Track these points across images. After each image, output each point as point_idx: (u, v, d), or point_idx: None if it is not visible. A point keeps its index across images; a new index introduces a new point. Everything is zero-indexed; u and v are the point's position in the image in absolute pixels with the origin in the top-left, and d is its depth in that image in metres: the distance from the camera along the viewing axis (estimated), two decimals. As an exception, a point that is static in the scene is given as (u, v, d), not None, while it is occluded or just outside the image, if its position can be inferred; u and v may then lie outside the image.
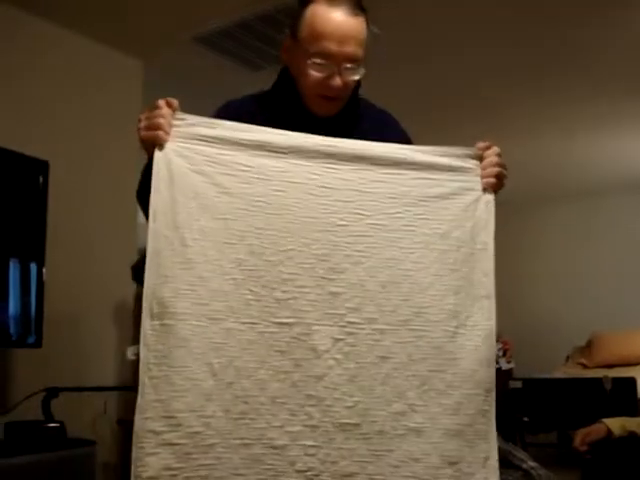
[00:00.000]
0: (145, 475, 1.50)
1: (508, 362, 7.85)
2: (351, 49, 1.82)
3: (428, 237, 1.78)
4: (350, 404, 1.64)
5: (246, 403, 1.57)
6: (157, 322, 1.55)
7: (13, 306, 3.11)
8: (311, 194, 1.72)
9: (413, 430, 1.67)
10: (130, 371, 3.42)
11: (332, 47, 1.80)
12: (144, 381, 1.53)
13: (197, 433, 1.52)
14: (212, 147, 1.68)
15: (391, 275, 1.73)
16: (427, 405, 1.69)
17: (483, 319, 1.78)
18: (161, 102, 1.66)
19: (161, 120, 1.64)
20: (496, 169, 1.87)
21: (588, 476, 2.89)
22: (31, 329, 3.14)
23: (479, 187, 1.86)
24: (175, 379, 1.53)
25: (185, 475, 1.51)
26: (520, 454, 3.35)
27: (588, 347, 7.32)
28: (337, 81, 1.83)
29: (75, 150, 3.73)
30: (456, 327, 1.75)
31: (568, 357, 7.50)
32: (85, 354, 3.54)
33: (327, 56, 1.81)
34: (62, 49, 3.84)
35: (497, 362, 6.30)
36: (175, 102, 1.67)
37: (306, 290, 1.66)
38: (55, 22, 3.76)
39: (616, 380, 5.69)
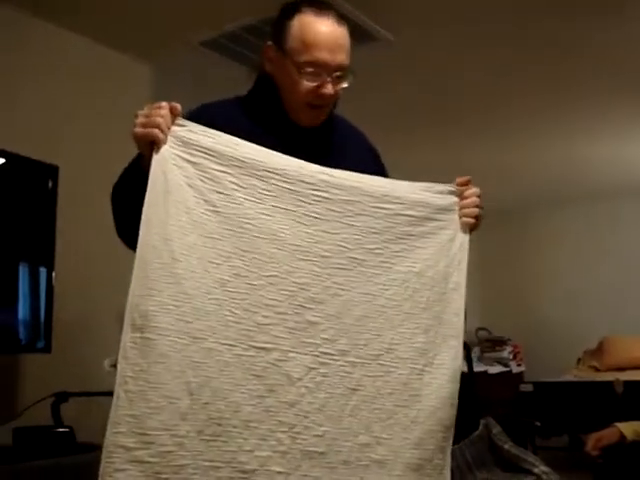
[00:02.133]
0: None
1: (518, 365, 7.85)
2: (342, 57, 1.85)
3: (403, 275, 1.82)
4: (319, 433, 1.66)
5: (219, 425, 1.56)
6: (138, 335, 1.52)
7: (22, 311, 3.11)
8: (298, 222, 1.73)
9: (376, 462, 1.71)
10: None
11: (324, 56, 1.82)
12: (119, 394, 1.49)
13: (169, 452, 1.50)
14: (208, 160, 1.66)
15: (366, 310, 1.76)
16: (391, 438, 1.73)
17: (449, 359, 1.84)
18: (164, 103, 1.64)
19: (160, 120, 1.61)
20: (475, 210, 1.91)
21: (601, 481, 2.88)
22: (40, 334, 3.14)
23: (456, 226, 1.90)
24: (151, 395, 1.50)
25: None
26: (531, 458, 3.34)
27: (599, 350, 7.30)
28: (329, 89, 1.85)
29: (84, 155, 3.74)
30: (424, 365, 1.80)
31: (579, 360, 7.48)
32: (94, 359, 3.53)
33: (319, 65, 1.83)
34: (70, 53, 3.84)
35: (507, 365, 6.35)
36: (178, 107, 1.66)
37: (285, 317, 1.67)
38: (64, 26, 3.77)
39: (628, 383, 5.67)
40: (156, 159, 1.61)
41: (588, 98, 5.07)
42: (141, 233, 1.57)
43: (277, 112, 1.92)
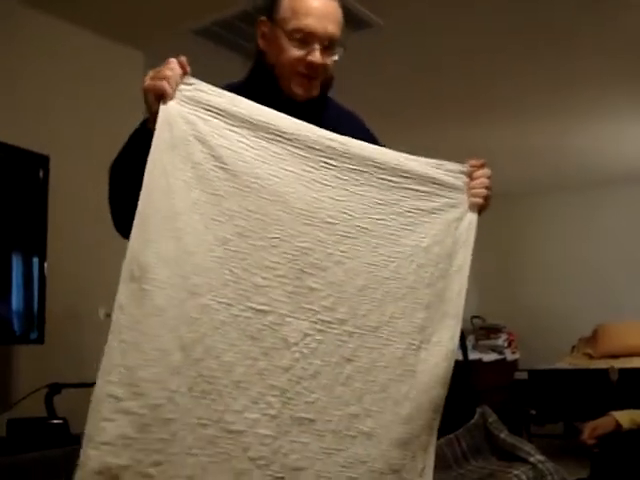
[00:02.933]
0: (98, 440, 1.44)
1: (513, 353, 7.85)
2: (331, 27, 1.86)
3: (409, 248, 1.80)
4: (310, 400, 1.64)
5: (210, 383, 1.54)
6: (136, 285, 1.50)
7: (16, 301, 3.09)
8: (305, 186, 1.71)
9: (364, 434, 1.70)
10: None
11: (313, 23, 1.84)
12: (113, 344, 1.47)
13: (158, 406, 1.48)
14: (217, 118, 1.64)
15: (368, 280, 1.75)
16: (382, 412, 1.72)
17: (447, 338, 1.82)
18: (173, 59, 1.63)
19: (169, 72, 1.60)
20: (485, 191, 1.91)
21: (597, 470, 2.87)
22: (34, 325, 3.12)
23: (465, 205, 1.89)
24: (145, 347, 1.48)
25: (139, 447, 1.47)
26: (527, 447, 3.34)
27: (593, 337, 7.31)
28: (317, 56, 1.85)
29: (76, 143, 3.71)
30: (421, 342, 1.79)
31: (573, 347, 7.49)
32: (88, 349, 3.51)
33: (308, 33, 1.84)
34: (61, 41, 3.81)
35: (502, 353, 6.35)
36: (187, 66, 1.64)
37: (285, 281, 1.65)
38: (54, 15, 3.73)
39: (623, 371, 5.67)
40: (163, 109, 1.59)
41: (581, 85, 5.06)
42: (144, 186, 1.55)
43: (272, 89, 1.90)
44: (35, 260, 3.15)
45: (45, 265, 3.17)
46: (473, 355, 6.67)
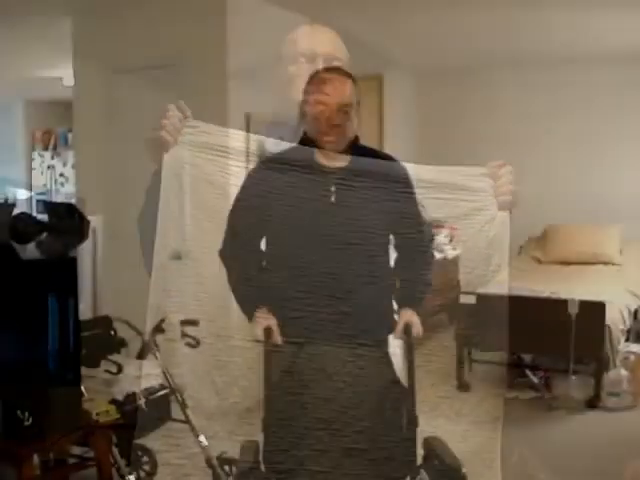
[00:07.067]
0: None
1: (454, 249, 7.65)
2: (329, 47, 1.86)
3: (441, 260, 1.79)
4: (359, 429, 1.63)
5: (251, 425, 1.56)
6: (161, 337, 1.55)
7: (52, 342, 2.94)
8: (324, 211, 1.69)
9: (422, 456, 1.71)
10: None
11: (309, 44, 1.85)
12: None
13: (196, 454, 1.52)
14: (225, 157, 1.60)
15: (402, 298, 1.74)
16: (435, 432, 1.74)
17: None
18: (171, 106, 1.61)
19: (165, 121, 1.58)
20: (511, 187, 1.86)
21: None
22: (70, 366, 2.99)
23: (494, 207, 1.86)
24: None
25: None
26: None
27: (543, 239, 7.13)
28: (323, 73, 1.75)
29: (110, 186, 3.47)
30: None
31: (521, 248, 7.24)
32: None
33: (307, 54, 1.85)
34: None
35: (442, 251, 5.97)
36: (187, 110, 1.62)
37: (317, 309, 1.63)
38: None
39: (583, 303, 5.10)
40: (166, 161, 1.56)
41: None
42: (157, 237, 1.52)
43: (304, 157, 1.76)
44: (71, 301, 2.98)
45: (80, 306, 3.00)
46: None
